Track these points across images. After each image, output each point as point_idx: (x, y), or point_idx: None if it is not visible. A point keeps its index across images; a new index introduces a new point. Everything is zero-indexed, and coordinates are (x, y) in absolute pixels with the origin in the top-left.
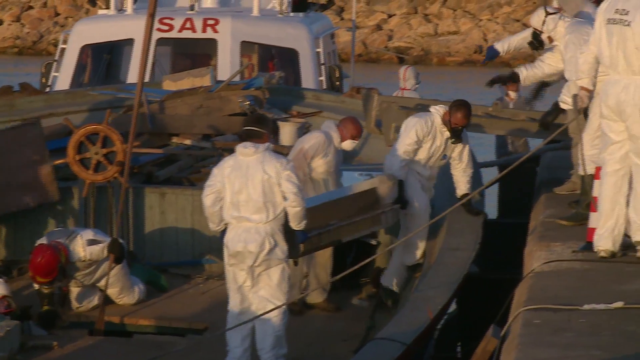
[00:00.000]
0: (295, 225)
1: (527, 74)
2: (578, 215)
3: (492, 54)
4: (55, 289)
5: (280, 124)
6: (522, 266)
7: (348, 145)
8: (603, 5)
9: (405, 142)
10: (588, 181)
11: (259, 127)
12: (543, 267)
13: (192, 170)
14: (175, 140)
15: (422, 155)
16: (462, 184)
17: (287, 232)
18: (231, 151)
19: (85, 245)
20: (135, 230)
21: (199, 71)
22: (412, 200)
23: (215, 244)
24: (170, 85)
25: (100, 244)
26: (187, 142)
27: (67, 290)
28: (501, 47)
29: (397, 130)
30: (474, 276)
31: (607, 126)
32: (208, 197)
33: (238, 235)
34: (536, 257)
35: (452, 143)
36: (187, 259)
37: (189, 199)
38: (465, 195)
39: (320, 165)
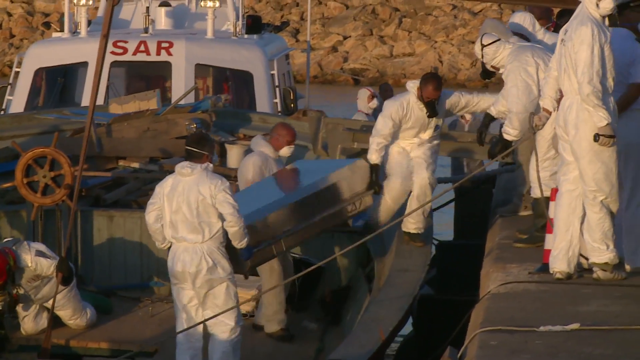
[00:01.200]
0: (237, 244)
1: (497, 112)
2: (533, 238)
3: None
4: (4, 303)
5: (228, 146)
6: (479, 288)
7: (286, 152)
8: (565, 26)
9: (379, 127)
10: (541, 203)
11: (197, 148)
12: (499, 289)
13: (140, 193)
14: (122, 163)
15: (408, 134)
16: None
17: (231, 248)
18: None
19: (33, 255)
20: (84, 253)
21: (145, 94)
22: (390, 177)
23: (163, 267)
24: (116, 108)
25: (48, 259)
26: (135, 165)
27: (17, 297)
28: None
29: (343, 151)
30: (430, 297)
31: (562, 146)
32: (149, 214)
33: (177, 256)
34: (492, 279)
35: (428, 117)
36: (136, 281)
37: (137, 222)
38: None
39: None
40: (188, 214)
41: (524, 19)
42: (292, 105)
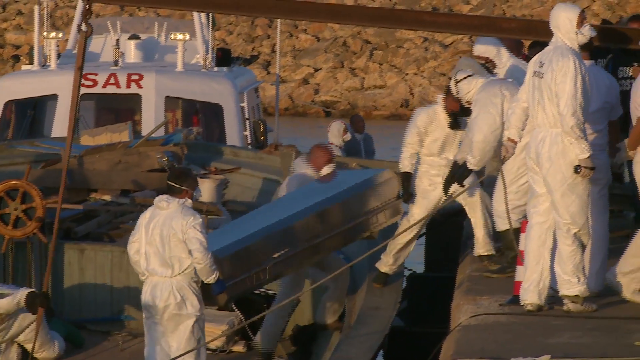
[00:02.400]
0: (205, 279)
1: (476, 161)
2: (503, 269)
3: None
4: None
5: (200, 180)
6: (449, 320)
7: (327, 170)
8: (534, 58)
9: (407, 135)
10: (509, 235)
11: (177, 183)
12: (470, 321)
13: (111, 226)
14: (94, 195)
15: (434, 147)
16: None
17: (203, 282)
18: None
19: None
20: (54, 286)
21: (117, 126)
22: (412, 206)
23: (134, 300)
24: (88, 140)
25: (8, 296)
26: (106, 197)
27: None
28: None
29: None
30: (401, 329)
31: (532, 178)
32: (130, 246)
33: (148, 289)
34: (463, 311)
35: (450, 128)
36: (106, 315)
37: (108, 255)
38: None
39: None
40: (160, 247)
41: (485, 49)
42: (262, 137)
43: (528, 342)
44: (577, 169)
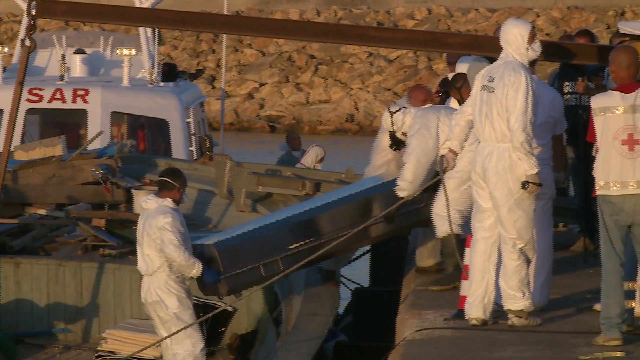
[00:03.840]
0: (187, 275)
1: (406, 185)
2: (446, 278)
3: None
4: None
5: (134, 192)
6: (394, 334)
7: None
8: (482, 72)
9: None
10: (450, 241)
11: (171, 179)
12: (415, 335)
13: (46, 239)
14: (29, 210)
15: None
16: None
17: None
18: (85, 220)
19: None
20: None
21: (50, 141)
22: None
23: (70, 314)
24: (22, 155)
25: None
26: (41, 211)
27: None
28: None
29: (248, 195)
30: (346, 344)
31: (477, 193)
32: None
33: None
34: (408, 325)
35: (391, 147)
36: (43, 329)
37: (44, 268)
38: None
39: None
40: (140, 245)
41: None
42: (208, 152)
43: (473, 357)
44: (524, 184)
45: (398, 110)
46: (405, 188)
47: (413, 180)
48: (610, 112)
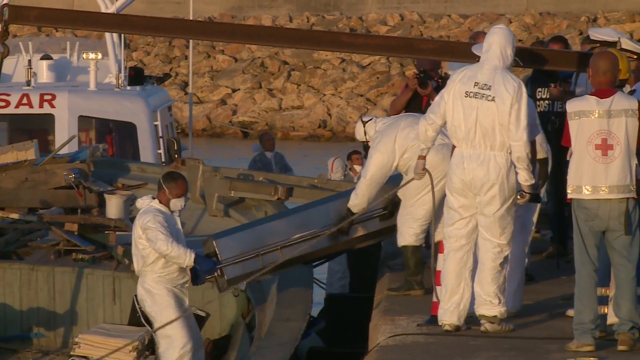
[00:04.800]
0: (182, 265)
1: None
2: (407, 284)
3: None
4: None
5: (107, 196)
6: (368, 340)
7: None
8: (456, 77)
9: None
10: (408, 250)
11: (161, 180)
12: (388, 341)
13: (19, 244)
14: (0, 214)
15: None
16: None
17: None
18: (58, 224)
19: None
20: None
21: (23, 144)
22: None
23: (43, 318)
24: None
25: None
26: (14, 215)
27: None
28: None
29: (220, 200)
30: (319, 350)
31: (455, 200)
32: None
33: None
34: (381, 331)
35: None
36: (16, 333)
37: (16, 273)
38: None
39: None
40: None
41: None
42: (176, 155)
43: None
44: (522, 193)
45: (369, 120)
46: (356, 204)
47: (364, 196)
48: (585, 116)
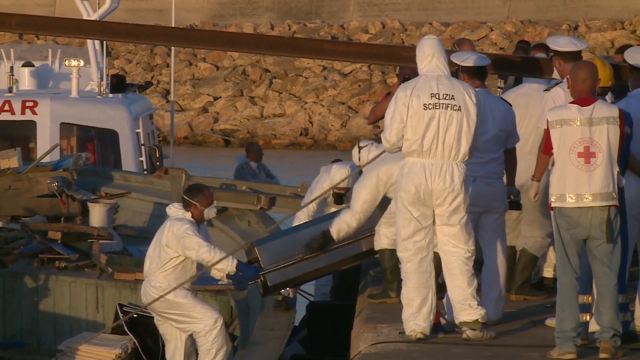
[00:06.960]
0: (224, 271)
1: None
2: (383, 292)
3: None
4: None
5: (90, 204)
6: (349, 348)
7: None
8: (406, 92)
9: None
10: (385, 254)
11: (187, 196)
12: (370, 349)
13: (2, 252)
14: None
15: None
16: None
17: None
18: (41, 232)
19: None
20: None
21: (6, 152)
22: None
23: (26, 326)
24: None
25: None
26: None
27: None
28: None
29: None
30: (301, 357)
31: (417, 211)
32: None
33: None
34: (363, 339)
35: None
36: None
37: (0, 281)
38: None
39: None
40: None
41: None
42: (157, 163)
43: None
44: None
45: (365, 146)
46: (334, 230)
47: (341, 230)
48: (567, 124)
